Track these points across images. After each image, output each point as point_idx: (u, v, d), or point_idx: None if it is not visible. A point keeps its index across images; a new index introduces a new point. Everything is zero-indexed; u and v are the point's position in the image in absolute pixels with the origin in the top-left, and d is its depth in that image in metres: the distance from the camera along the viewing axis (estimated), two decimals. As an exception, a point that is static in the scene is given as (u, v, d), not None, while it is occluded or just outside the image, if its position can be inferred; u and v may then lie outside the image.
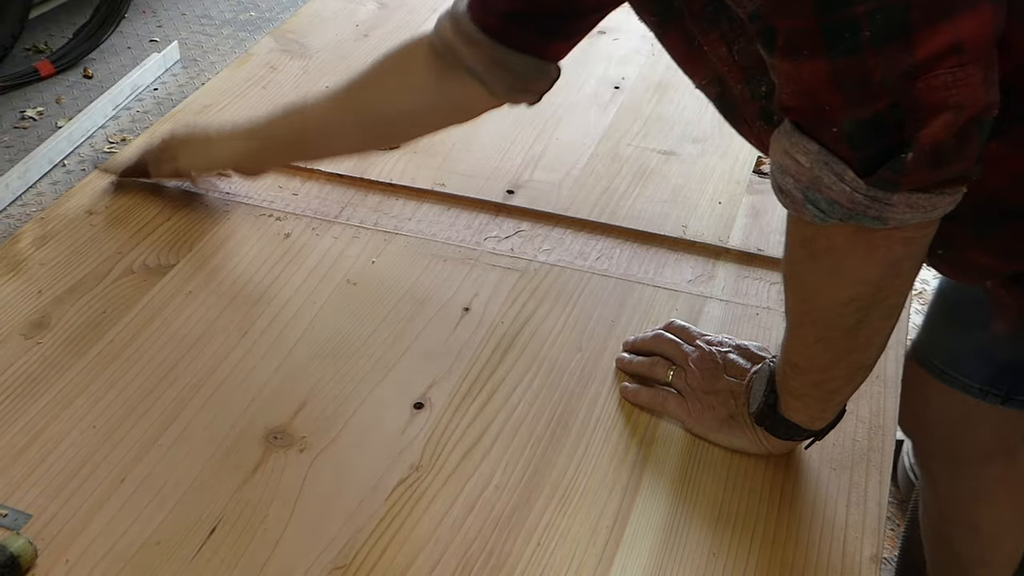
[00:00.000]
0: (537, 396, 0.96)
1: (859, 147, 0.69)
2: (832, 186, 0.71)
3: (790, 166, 0.73)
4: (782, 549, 0.84)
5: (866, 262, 0.75)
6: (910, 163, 0.68)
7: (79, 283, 1.07)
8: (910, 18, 0.64)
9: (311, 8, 1.67)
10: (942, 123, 0.66)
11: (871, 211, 0.70)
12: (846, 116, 0.68)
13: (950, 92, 0.65)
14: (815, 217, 0.73)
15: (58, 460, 0.88)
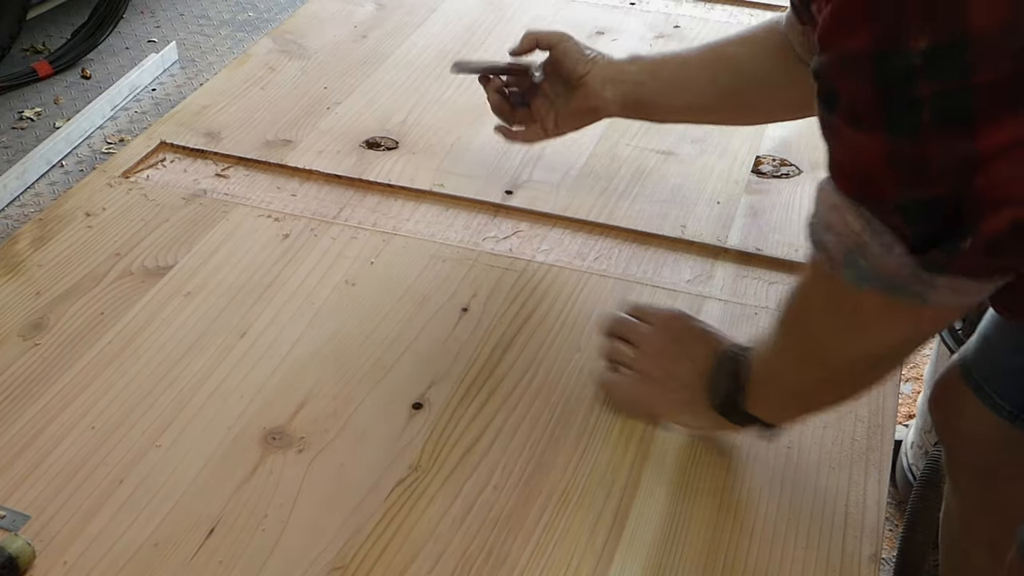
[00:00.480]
0: (536, 396, 0.96)
1: (914, 223, 0.66)
2: (880, 257, 0.68)
3: (836, 224, 0.69)
4: (781, 548, 0.84)
5: (891, 331, 0.74)
6: (966, 251, 0.64)
7: (77, 284, 1.07)
8: (973, 106, 0.61)
9: (309, 9, 1.67)
10: (1004, 217, 0.63)
11: (913, 288, 0.68)
12: (901, 196, 0.65)
13: (1013, 187, 0.62)
14: (853, 280, 0.70)
15: (57, 461, 0.88)
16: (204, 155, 1.30)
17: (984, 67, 0.59)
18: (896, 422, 0.97)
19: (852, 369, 0.79)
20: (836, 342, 0.77)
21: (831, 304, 0.75)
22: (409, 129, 1.36)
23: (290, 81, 1.46)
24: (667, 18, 1.65)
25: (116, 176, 1.24)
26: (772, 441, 0.91)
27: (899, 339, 0.75)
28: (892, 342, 0.75)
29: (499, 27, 1.61)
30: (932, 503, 1.41)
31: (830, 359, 0.79)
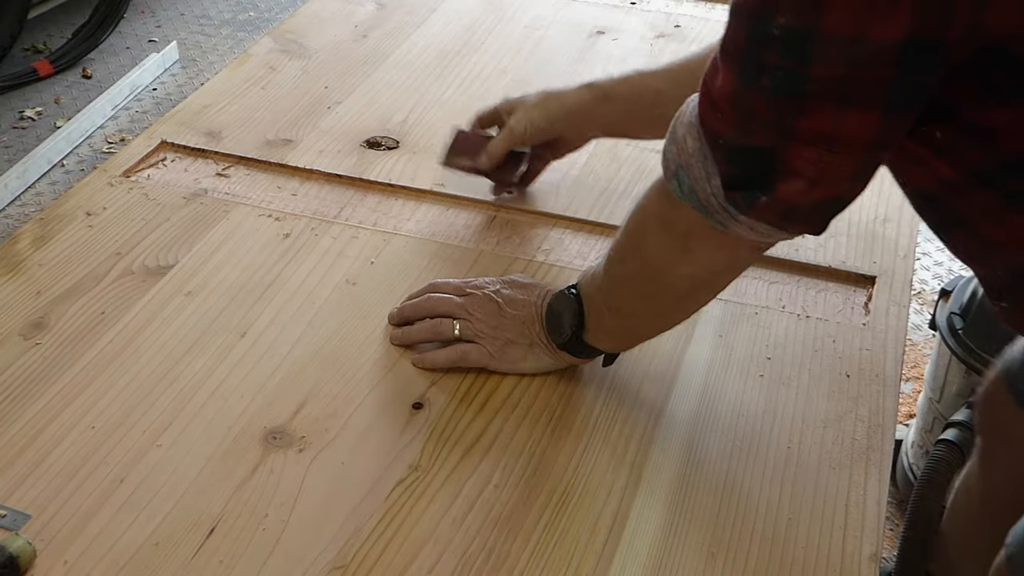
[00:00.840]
0: (536, 396, 0.96)
1: (732, 163, 0.75)
2: (699, 179, 0.77)
3: (679, 139, 0.79)
4: (781, 548, 0.84)
5: (714, 253, 0.83)
6: (761, 204, 0.74)
7: (78, 284, 1.07)
8: (807, 88, 0.68)
9: (310, 8, 1.67)
10: (797, 189, 0.72)
11: (718, 216, 0.78)
12: (731, 135, 0.74)
13: (812, 167, 0.71)
14: (675, 191, 0.80)
15: (57, 461, 0.88)
16: (205, 155, 1.30)
17: (823, 62, 0.66)
18: (896, 422, 0.97)
19: (678, 291, 0.88)
20: (667, 261, 0.85)
21: (665, 225, 0.84)
22: (410, 129, 1.36)
23: (291, 81, 1.46)
24: (668, 18, 1.65)
25: (117, 175, 1.24)
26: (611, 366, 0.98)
27: (720, 263, 0.85)
28: (714, 266, 0.85)
29: (499, 27, 1.61)
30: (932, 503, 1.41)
31: (661, 278, 0.87)
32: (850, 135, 0.69)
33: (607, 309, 0.91)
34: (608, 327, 0.93)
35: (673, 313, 0.92)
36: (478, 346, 0.97)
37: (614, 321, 0.92)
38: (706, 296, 0.90)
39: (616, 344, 0.96)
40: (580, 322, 0.93)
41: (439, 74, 1.48)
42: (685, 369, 1.00)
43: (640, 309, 0.91)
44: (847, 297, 1.11)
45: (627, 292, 0.91)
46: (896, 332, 1.05)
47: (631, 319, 0.92)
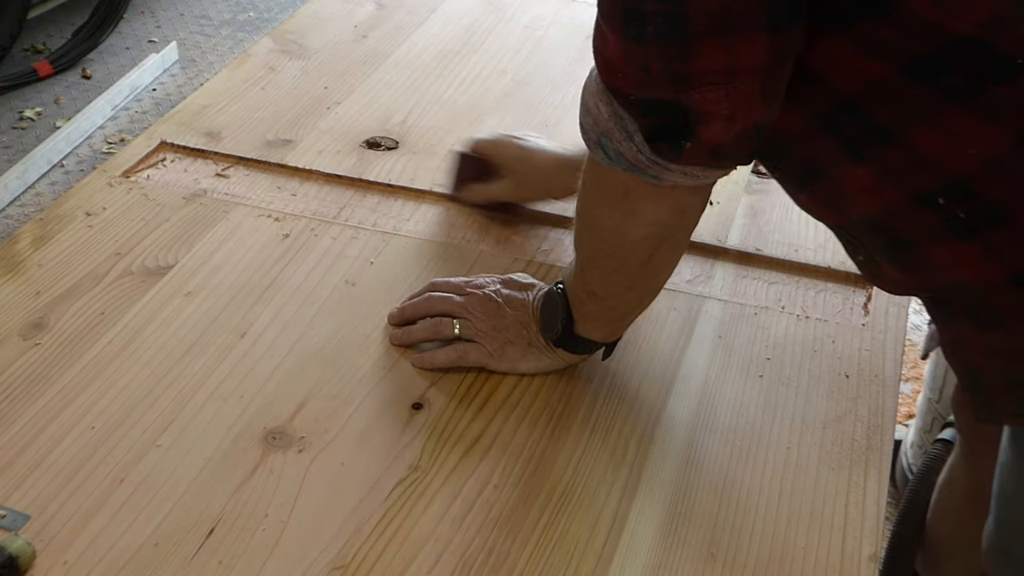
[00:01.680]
0: (536, 396, 0.96)
1: (648, 116, 0.75)
2: (622, 141, 0.77)
3: (592, 110, 0.79)
4: (781, 548, 0.84)
5: (657, 207, 0.83)
6: (688, 150, 0.74)
7: (78, 284, 1.07)
8: (688, 29, 0.68)
9: (310, 9, 1.67)
10: (717, 129, 0.73)
11: (650, 170, 0.78)
12: (635, 92, 0.74)
13: (722, 105, 0.71)
14: (603, 160, 0.80)
15: (57, 461, 0.88)
16: (204, 155, 1.30)
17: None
18: (896, 422, 0.97)
19: (640, 256, 0.87)
20: (618, 230, 0.86)
21: (604, 192, 0.84)
22: (409, 129, 1.36)
23: (290, 81, 1.46)
24: (667, 18, 1.65)
25: (116, 176, 1.24)
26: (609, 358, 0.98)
27: (667, 215, 0.84)
28: (663, 219, 0.84)
29: (499, 27, 1.61)
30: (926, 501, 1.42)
31: (619, 249, 0.87)
32: (743, 64, 0.69)
33: (585, 295, 0.92)
34: (590, 313, 0.93)
35: (643, 282, 0.92)
36: (477, 346, 0.97)
37: (594, 306, 0.92)
38: (669, 255, 0.90)
39: (605, 330, 0.95)
40: (569, 315, 0.93)
41: (439, 74, 1.48)
42: (685, 369, 1.00)
43: (612, 286, 0.91)
44: (847, 297, 1.11)
45: (595, 273, 0.91)
46: (896, 332, 1.05)
47: (607, 299, 0.92)
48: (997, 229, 0.72)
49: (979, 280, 0.76)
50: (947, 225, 0.73)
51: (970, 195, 0.71)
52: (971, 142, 0.70)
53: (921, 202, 0.74)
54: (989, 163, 0.70)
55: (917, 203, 0.74)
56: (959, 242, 0.74)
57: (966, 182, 0.71)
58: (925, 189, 0.73)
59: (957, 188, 0.72)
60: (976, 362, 0.82)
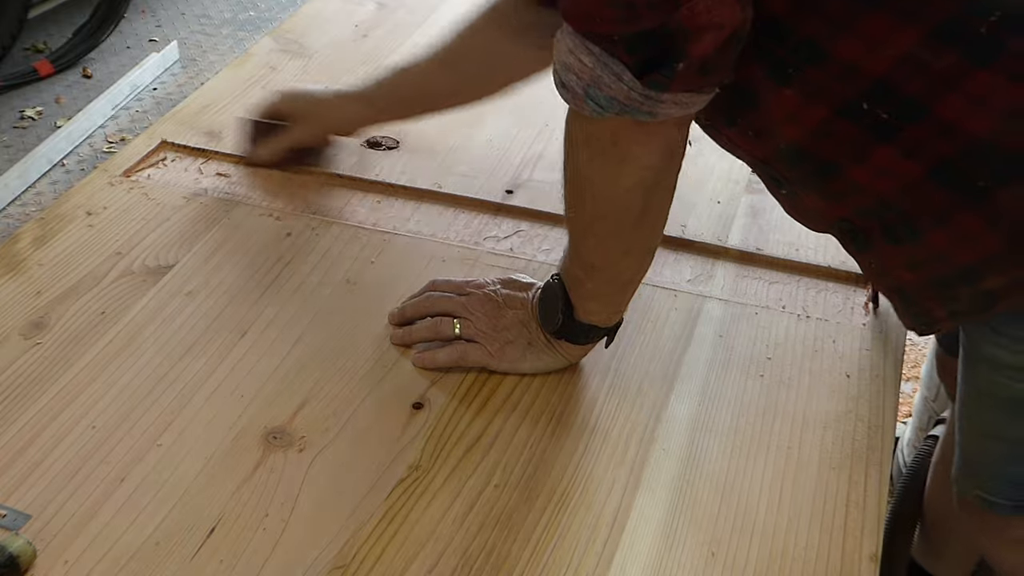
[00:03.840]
0: (536, 396, 0.96)
1: (634, 52, 0.76)
2: (611, 84, 0.77)
3: (574, 65, 0.79)
4: (781, 548, 0.84)
5: (647, 147, 0.83)
6: (681, 72, 0.75)
7: (78, 283, 1.07)
8: None
9: (310, 8, 1.67)
10: (707, 41, 0.74)
11: (644, 107, 0.78)
12: (618, 30, 0.75)
13: (711, 15, 0.73)
14: (593, 112, 0.80)
15: (57, 460, 0.88)
16: (205, 154, 1.30)
17: None
18: (896, 422, 0.97)
19: (634, 209, 0.88)
20: (610, 180, 0.86)
21: (594, 148, 0.85)
22: (410, 129, 1.35)
23: (291, 80, 1.46)
24: (668, 18, 1.65)
25: (117, 175, 1.24)
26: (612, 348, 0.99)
27: (658, 156, 0.85)
28: (654, 161, 0.85)
29: (500, 27, 1.60)
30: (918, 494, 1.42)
31: (613, 205, 0.88)
32: None
33: (583, 272, 0.92)
34: (591, 291, 0.93)
35: (642, 240, 0.92)
36: (478, 346, 0.97)
37: (594, 281, 0.93)
38: (661, 204, 0.90)
39: (606, 309, 0.95)
40: (568, 302, 0.94)
41: (439, 74, 1.48)
42: (686, 369, 1.00)
43: (611, 253, 0.92)
44: (847, 297, 1.11)
45: (592, 241, 0.91)
46: (896, 332, 1.05)
47: (608, 270, 0.93)
48: (917, 124, 0.78)
49: (897, 187, 0.81)
50: (870, 130, 0.79)
51: (891, 93, 0.77)
52: (888, 43, 0.76)
53: (845, 115, 0.79)
54: (905, 59, 0.76)
55: (842, 116, 0.80)
56: (881, 145, 0.79)
57: (887, 82, 0.77)
58: (849, 98, 0.79)
59: (880, 89, 0.77)
60: (901, 278, 0.88)
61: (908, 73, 0.76)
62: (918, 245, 0.84)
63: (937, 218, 0.82)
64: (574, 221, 0.93)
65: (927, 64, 0.75)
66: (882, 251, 0.88)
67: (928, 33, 0.75)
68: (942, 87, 0.76)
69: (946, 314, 0.89)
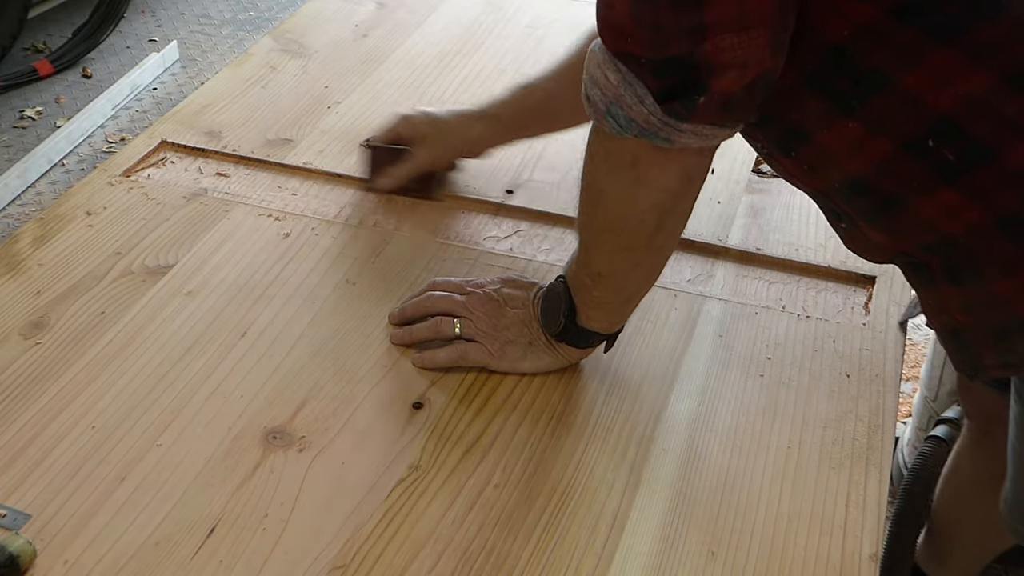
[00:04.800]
0: (536, 395, 0.96)
1: (659, 78, 0.76)
2: (633, 106, 0.77)
3: (600, 79, 0.79)
4: (781, 548, 0.84)
5: (666, 171, 0.83)
6: (701, 105, 0.75)
7: (78, 283, 1.07)
8: None
9: (310, 8, 1.67)
10: (730, 78, 0.74)
11: (662, 133, 0.78)
12: (645, 53, 0.75)
13: (736, 53, 0.72)
14: (612, 129, 0.80)
15: (57, 460, 0.88)
16: (205, 154, 1.30)
17: None
18: (896, 422, 0.97)
19: (648, 227, 0.87)
20: (627, 200, 0.86)
21: (612, 164, 0.84)
22: (410, 128, 1.35)
23: (291, 80, 1.46)
24: (668, 17, 1.65)
25: (117, 175, 1.24)
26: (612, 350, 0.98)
27: (676, 181, 0.84)
28: (671, 185, 0.84)
29: (499, 27, 1.61)
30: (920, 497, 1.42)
31: (627, 222, 0.87)
32: (754, 11, 0.72)
33: (590, 280, 0.92)
34: (597, 299, 0.93)
35: (651, 257, 0.92)
36: (478, 345, 0.97)
37: (601, 290, 0.92)
38: (675, 225, 0.90)
39: (610, 317, 0.95)
40: (571, 307, 0.93)
41: (439, 74, 1.48)
42: (685, 369, 1.00)
43: (619, 265, 0.91)
44: (847, 297, 1.11)
45: (601, 252, 0.91)
46: (896, 332, 1.06)
47: (614, 280, 0.92)
48: (983, 168, 0.75)
49: (962, 230, 0.79)
50: (935, 169, 0.77)
51: (958, 133, 0.75)
52: (957, 81, 0.73)
53: (910, 149, 0.77)
54: (973, 100, 0.73)
55: (906, 151, 0.77)
56: (946, 187, 0.77)
57: (954, 119, 0.74)
58: (915, 133, 0.76)
59: (946, 127, 0.75)
60: (959, 320, 0.86)
61: (975, 114, 0.74)
62: (980, 289, 0.82)
63: (1003, 267, 0.79)
64: (585, 229, 0.92)
65: (996, 108, 0.73)
66: (942, 290, 0.85)
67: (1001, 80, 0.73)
68: (1011, 134, 0.74)
69: (998, 363, 0.87)
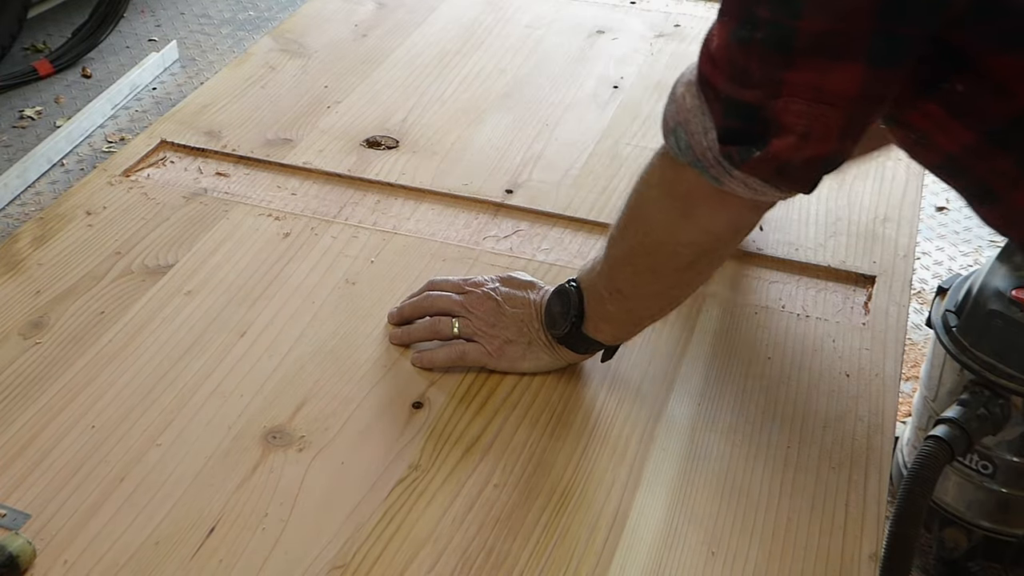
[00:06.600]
0: (536, 395, 0.96)
1: (729, 118, 0.77)
2: (695, 134, 0.79)
3: (679, 98, 0.80)
4: (781, 547, 0.84)
5: (715, 215, 0.84)
6: (755, 159, 0.76)
7: (78, 283, 1.07)
8: (795, 42, 0.71)
9: (310, 8, 1.67)
10: (789, 144, 0.74)
11: (712, 171, 0.79)
12: (726, 88, 0.76)
13: (801, 120, 0.73)
14: (672, 148, 0.82)
15: (57, 460, 0.88)
16: (204, 154, 1.30)
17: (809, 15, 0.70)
18: (896, 422, 0.97)
19: (680, 261, 0.88)
20: (670, 229, 0.86)
21: (665, 189, 0.85)
22: (409, 128, 1.36)
23: (290, 80, 1.46)
24: (667, 17, 1.65)
25: (117, 175, 1.24)
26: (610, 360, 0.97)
27: (722, 226, 0.85)
28: (716, 229, 0.85)
29: (499, 27, 1.61)
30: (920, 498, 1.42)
31: (663, 249, 0.87)
32: (835, 88, 0.72)
33: (608, 293, 0.91)
34: (609, 313, 0.92)
35: (675, 289, 0.92)
36: (477, 345, 0.97)
37: (615, 306, 0.92)
38: (708, 267, 0.90)
39: (616, 332, 0.95)
40: (580, 313, 0.93)
41: (439, 73, 1.48)
42: (685, 369, 1.00)
43: (642, 287, 0.91)
44: (847, 297, 1.11)
45: (629, 270, 0.91)
46: (896, 332, 1.05)
47: (632, 300, 0.92)
48: None
49: None
50: None
51: None
52: None
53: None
54: None
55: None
56: None
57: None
58: None
59: None
60: None
61: None
62: None
63: None
64: (618, 244, 0.91)
65: None
66: None
67: None
68: None
69: None
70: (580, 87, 1.46)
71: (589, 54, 1.54)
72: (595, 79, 1.48)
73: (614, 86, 1.46)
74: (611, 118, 1.39)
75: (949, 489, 1.52)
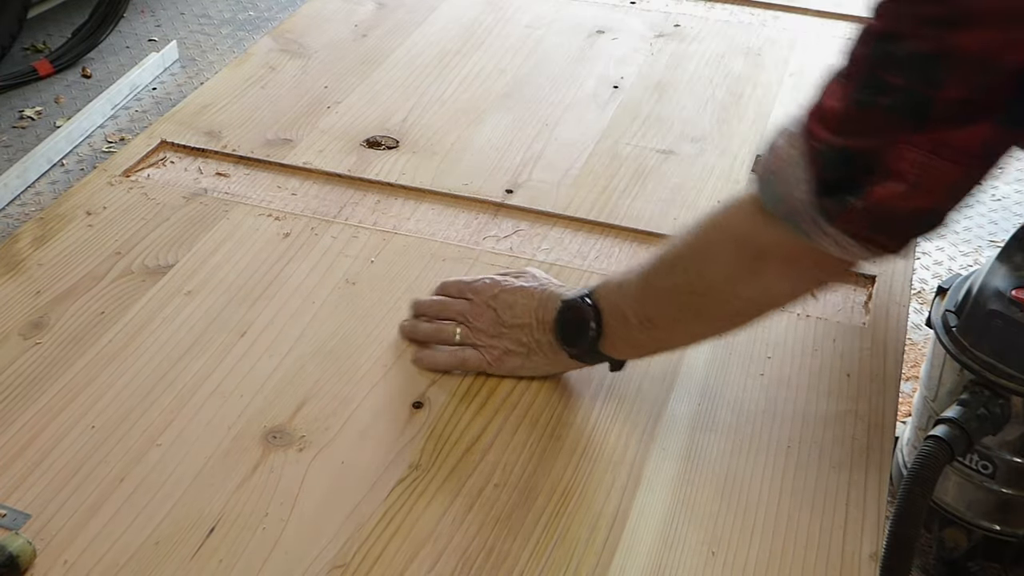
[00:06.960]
0: (536, 396, 0.96)
1: (827, 169, 0.75)
2: (789, 183, 0.77)
3: (778, 147, 0.79)
4: (781, 547, 0.84)
5: (781, 279, 0.83)
6: (852, 208, 0.74)
7: (78, 283, 1.07)
8: (931, 111, 0.69)
9: (310, 8, 1.67)
10: (894, 191, 0.72)
11: (804, 224, 0.77)
12: (834, 141, 0.74)
13: (915, 171, 0.71)
14: (763, 198, 0.80)
15: (57, 460, 0.88)
16: (204, 154, 1.30)
17: (950, 86, 0.68)
18: (896, 421, 0.97)
19: (728, 310, 0.86)
20: (731, 280, 0.84)
21: (742, 240, 0.83)
22: (409, 128, 1.36)
23: (290, 80, 1.46)
24: (667, 17, 1.65)
25: (117, 175, 1.24)
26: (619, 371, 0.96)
27: (784, 291, 0.84)
28: (779, 292, 0.84)
29: (499, 27, 1.61)
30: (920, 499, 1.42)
31: (714, 295, 0.85)
32: (959, 144, 0.70)
33: (637, 320, 0.89)
34: (634, 339, 0.91)
35: (712, 331, 0.91)
36: (477, 352, 0.97)
37: (643, 334, 0.90)
38: (753, 317, 0.88)
39: (635, 354, 0.95)
40: (600, 333, 0.91)
41: (439, 73, 1.48)
42: (685, 369, 1.00)
43: (679, 324, 0.89)
44: (847, 297, 1.11)
45: (670, 305, 0.88)
46: (896, 332, 1.05)
47: (663, 332, 0.90)
48: None
49: None
50: None
51: None
52: None
53: None
54: None
55: None
56: None
57: None
58: None
59: None
60: None
61: None
62: None
63: None
64: (664, 276, 0.88)
65: None
66: None
67: None
68: None
69: None
70: (580, 87, 1.46)
71: (589, 54, 1.54)
72: (595, 79, 1.48)
73: (614, 86, 1.46)
74: (611, 118, 1.39)
75: (949, 489, 1.52)
